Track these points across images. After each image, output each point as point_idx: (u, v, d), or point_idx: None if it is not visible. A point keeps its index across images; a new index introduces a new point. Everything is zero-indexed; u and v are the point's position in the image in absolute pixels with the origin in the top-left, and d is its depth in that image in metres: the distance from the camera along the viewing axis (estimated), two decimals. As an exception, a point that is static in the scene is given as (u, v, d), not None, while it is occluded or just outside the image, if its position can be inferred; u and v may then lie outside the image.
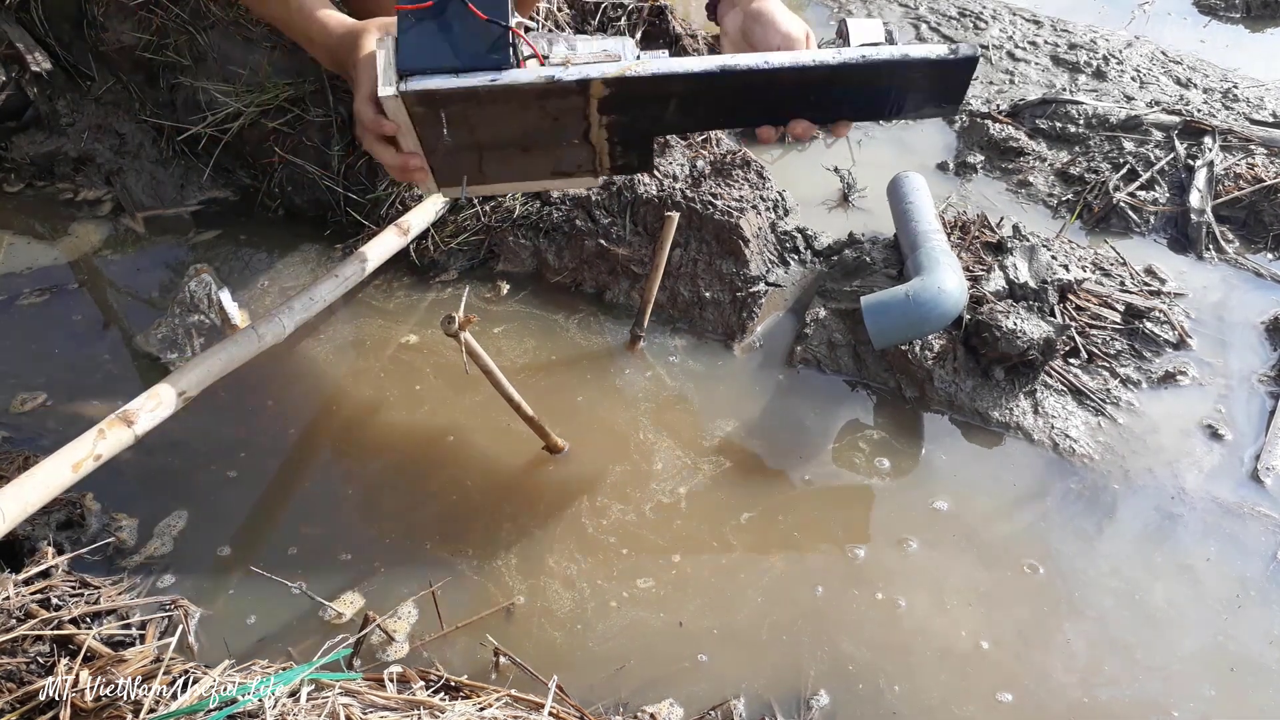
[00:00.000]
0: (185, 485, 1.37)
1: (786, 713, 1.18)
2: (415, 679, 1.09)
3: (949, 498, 1.45)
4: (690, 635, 1.25)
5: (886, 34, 1.18)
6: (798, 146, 2.17)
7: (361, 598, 1.26)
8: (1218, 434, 1.56)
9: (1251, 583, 1.36)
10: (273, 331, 1.38)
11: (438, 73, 1.08)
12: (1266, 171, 2.04)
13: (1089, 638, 1.28)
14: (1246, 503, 1.46)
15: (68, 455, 1.16)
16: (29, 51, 1.78)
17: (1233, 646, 1.28)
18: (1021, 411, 1.56)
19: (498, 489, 1.41)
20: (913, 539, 1.39)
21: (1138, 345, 1.69)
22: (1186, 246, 1.95)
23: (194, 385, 1.29)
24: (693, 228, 1.69)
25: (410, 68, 1.08)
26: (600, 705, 1.17)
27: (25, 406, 1.46)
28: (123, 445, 1.21)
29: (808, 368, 1.63)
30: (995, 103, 2.33)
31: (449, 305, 1.71)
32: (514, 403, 1.34)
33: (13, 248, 1.71)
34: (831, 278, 1.74)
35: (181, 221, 1.80)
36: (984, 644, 1.27)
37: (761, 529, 1.38)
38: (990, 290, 1.63)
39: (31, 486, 1.13)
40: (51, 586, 1.19)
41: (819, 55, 1.12)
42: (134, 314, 1.61)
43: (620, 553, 1.34)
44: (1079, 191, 2.06)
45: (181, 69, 1.81)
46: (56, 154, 1.82)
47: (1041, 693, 1.22)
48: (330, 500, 1.38)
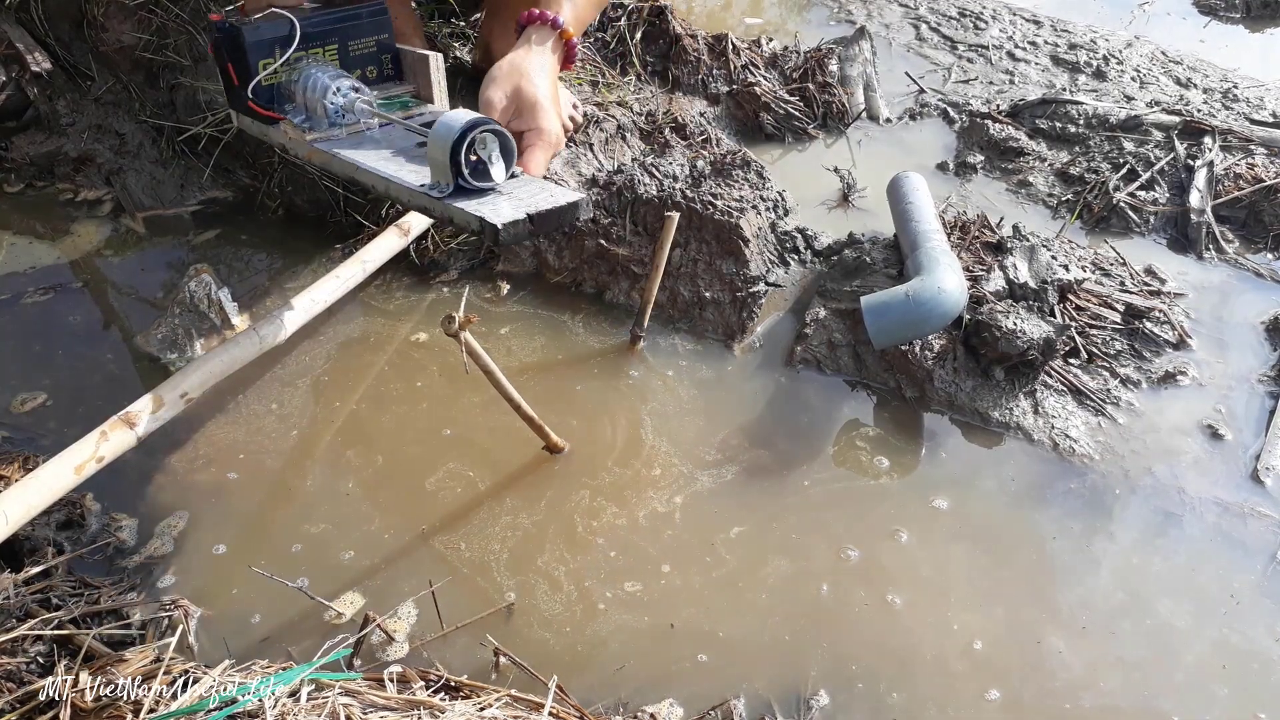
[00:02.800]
0: (185, 485, 1.37)
1: (786, 712, 1.18)
2: (415, 679, 1.09)
3: (948, 497, 1.45)
4: (690, 635, 1.25)
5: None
6: (798, 146, 2.17)
7: (361, 597, 1.27)
8: (1218, 434, 1.56)
9: (1251, 583, 1.36)
10: (273, 333, 1.38)
11: None
12: (1266, 171, 2.04)
13: (1089, 638, 1.28)
14: (1246, 503, 1.46)
15: (70, 458, 1.17)
16: (29, 52, 1.78)
17: (1232, 646, 1.28)
18: (1021, 411, 1.56)
19: (498, 489, 1.41)
20: (913, 539, 1.39)
21: (1138, 345, 1.69)
22: (1186, 246, 1.95)
23: (195, 387, 1.29)
24: (693, 228, 1.69)
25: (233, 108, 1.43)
26: (600, 705, 1.17)
27: (25, 406, 1.46)
28: (125, 447, 1.22)
29: (808, 368, 1.63)
30: (995, 103, 2.33)
31: (449, 305, 1.71)
32: (514, 403, 1.34)
33: (13, 247, 1.71)
34: (831, 278, 1.74)
35: (181, 221, 1.80)
36: (983, 644, 1.27)
37: (761, 529, 1.38)
38: (990, 290, 1.63)
39: (34, 489, 1.13)
40: (52, 586, 1.20)
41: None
42: (134, 314, 1.62)
43: (621, 553, 1.34)
44: (1079, 191, 2.06)
45: (181, 69, 1.81)
46: (57, 154, 1.82)
47: (1041, 693, 1.22)
48: (330, 500, 1.38)
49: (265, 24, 1.31)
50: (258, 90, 1.33)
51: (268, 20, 1.32)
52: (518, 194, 1.17)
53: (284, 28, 1.32)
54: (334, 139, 1.36)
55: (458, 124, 1.11)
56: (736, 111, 2.19)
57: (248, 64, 1.32)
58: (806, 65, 2.25)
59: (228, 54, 1.33)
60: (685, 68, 2.21)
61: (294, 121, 1.36)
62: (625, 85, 2.12)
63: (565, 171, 1.80)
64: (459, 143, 1.11)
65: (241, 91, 1.34)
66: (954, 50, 2.56)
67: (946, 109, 2.31)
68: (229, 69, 1.34)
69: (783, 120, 2.18)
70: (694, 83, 2.21)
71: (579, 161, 1.83)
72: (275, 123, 1.37)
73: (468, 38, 2.04)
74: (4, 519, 1.08)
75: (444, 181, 1.16)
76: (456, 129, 1.11)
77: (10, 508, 1.10)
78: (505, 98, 1.27)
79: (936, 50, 2.56)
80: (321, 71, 1.35)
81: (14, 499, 1.11)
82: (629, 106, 2.04)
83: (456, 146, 1.11)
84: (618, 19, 2.23)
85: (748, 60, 2.25)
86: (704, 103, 2.18)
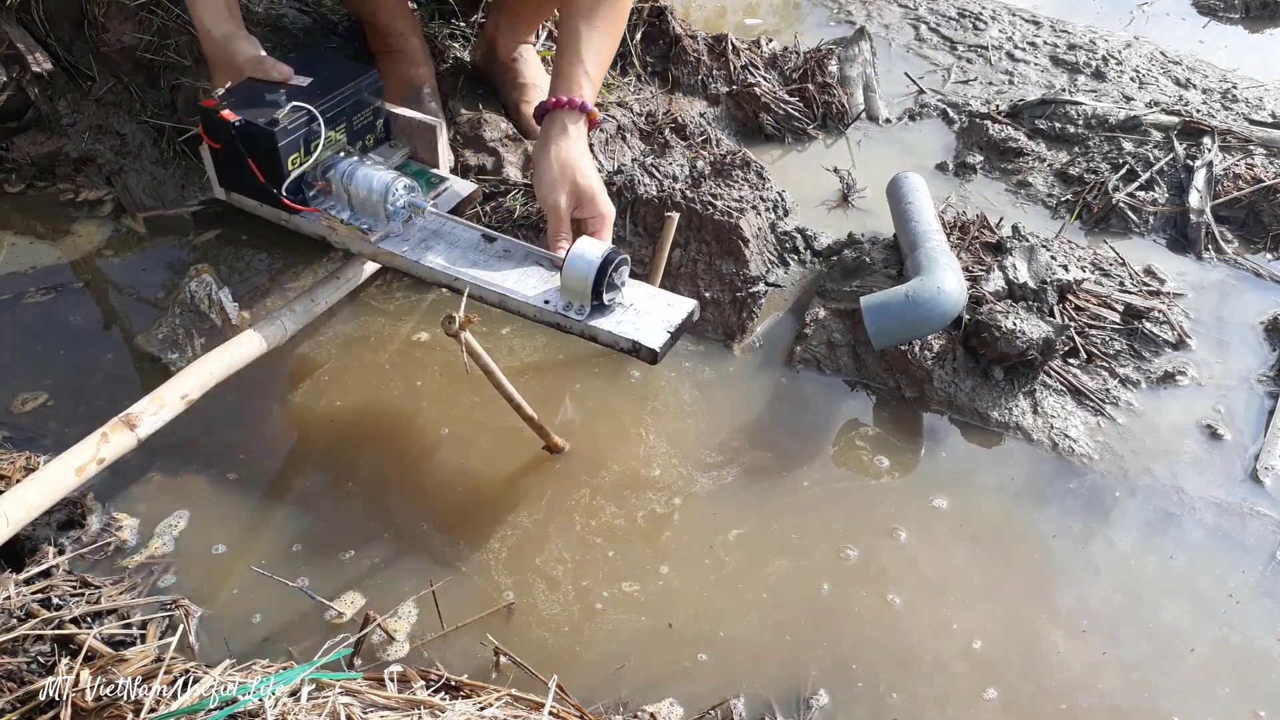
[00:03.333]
0: (186, 485, 1.37)
1: (786, 712, 1.18)
2: (416, 678, 1.09)
3: (948, 497, 1.45)
4: (691, 635, 1.26)
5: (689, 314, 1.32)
6: (798, 146, 2.18)
7: (362, 597, 1.27)
8: (1217, 434, 1.56)
9: (1251, 582, 1.36)
10: (274, 334, 1.39)
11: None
12: (1265, 172, 2.04)
13: (1088, 637, 1.28)
14: (1246, 503, 1.46)
15: (71, 459, 1.17)
16: (30, 52, 1.78)
17: (1231, 646, 1.28)
18: (1021, 411, 1.56)
19: (498, 489, 1.41)
20: (912, 538, 1.39)
21: (1137, 345, 1.69)
22: (1186, 247, 1.95)
23: (195, 388, 1.30)
24: (693, 228, 1.70)
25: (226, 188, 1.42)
26: (600, 705, 1.17)
27: (26, 406, 1.46)
28: (126, 449, 1.22)
29: (807, 368, 1.63)
30: (994, 103, 2.33)
31: (449, 305, 1.70)
32: (514, 402, 1.34)
33: (14, 247, 1.71)
34: (831, 278, 1.75)
35: (182, 222, 1.80)
36: (982, 643, 1.27)
37: (761, 529, 1.39)
38: (990, 290, 1.64)
39: (35, 490, 1.14)
40: (52, 586, 1.20)
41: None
42: (135, 314, 1.62)
43: (620, 552, 1.34)
44: (1078, 192, 2.06)
45: (182, 69, 1.81)
46: (57, 154, 1.82)
47: (1040, 692, 1.22)
48: (330, 500, 1.38)
49: (289, 119, 1.30)
50: (288, 185, 1.35)
51: (290, 116, 1.31)
52: (638, 305, 1.32)
53: (305, 119, 1.33)
54: (391, 236, 1.40)
55: (596, 258, 1.24)
56: (736, 112, 2.19)
57: (280, 164, 1.33)
58: (806, 66, 2.26)
59: (249, 151, 1.32)
60: (685, 68, 2.21)
61: (341, 218, 1.38)
62: (625, 86, 2.13)
63: (565, 172, 1.80)
64: (600, 277, 1.24)
65: (269, 189, 1.34)
66: (953, 51, 2.56)
67: (946, 109, 2.31)
68: (250, 164, 1.32)
69: (782, 121, 2.18)
70: (694, 83, 2.21)
71: (579, 162, 1.84)
72: (308, 213, 1.39)
73: (468, 38, 2.04)
74: (5, 520, 1.09)
75: (581, 304, 1.29)
76: (595, 263, 1.24)
77: (10, 509, 1.10)
78: (568, 197, 1.37)
79: (936, 51, 2.56)
80: (372, 169, 1.38)
81: (14, 501, 1.11)
82: (629, 107, 2.04)
83: (598, 280, 1.25)
84: (618, 19, 2.23)
85: (747, 61, 2.25)
86: (704, 103, 2.19)
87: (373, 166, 1.40)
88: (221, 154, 1.36)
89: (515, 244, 1.42)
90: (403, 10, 1.74)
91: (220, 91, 1.35)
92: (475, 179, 1.76)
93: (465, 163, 1.77)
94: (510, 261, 1.39)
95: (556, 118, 1.42)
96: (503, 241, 1.42)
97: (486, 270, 1.37)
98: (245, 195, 1.42)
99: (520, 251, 1.40)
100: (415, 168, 1.54)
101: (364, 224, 1.39)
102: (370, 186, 1.36)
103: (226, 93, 1.34)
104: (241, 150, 1.32)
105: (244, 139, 1.31)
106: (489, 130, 1.79)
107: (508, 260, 1.39)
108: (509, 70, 1.86)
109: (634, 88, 2.13)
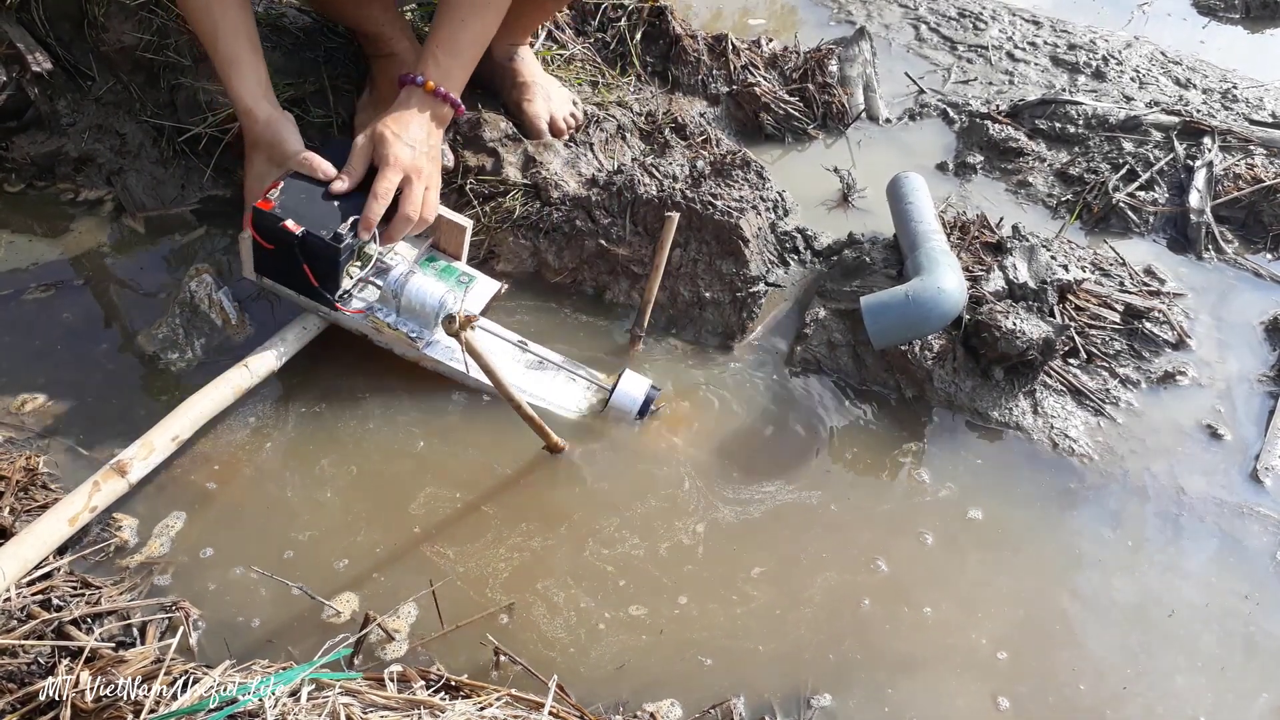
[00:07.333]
0: (186, 487, 1.37)
1: (787, 712, 1.18)
2: (415, 678, 1.10)
3: (947, 496, 1.45)
4: (691, 635, 1.26)
5: (647, 394, 1.50)
6: (798, 146, 2.18)
7: (362, 597, 1.27)
8: (1217, 434, 1.56)
9: (1251, 583, 1.36)
10: (264, 366, 1.42)
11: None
12: (1266, 172, 2.04)
13: (1087, 636, 1.29)
14: (1246, 502, 1.46)
15: (64, 510, 1.21)
16: (30, 52, 1.78)
17: (1234, 645, 1.28)
18: (1021, 411, 1.56)
19: (498, 489, 1.41)
20: (912, 537, 1.39)
21: (1137, 345, 1.69)
22: (1186, 247, 1.95)
23: (186, 429, 1.34)
24: (693, 228, 1.70)
25: (262, 274, 1.45)
26: (600, 705, 1.17)
27: (26, 407, 1.46)
28: (117, 495, 1.27)
29: (807, 368, 1.63)
30: (995, 103, 2.33)
31: (449, 305, 1.70)
32: (514, 402, 1.34)
33: (12, 246, 1.71)
34: (831, 278, 1.75)
35: (182, 221, 1.80)
36: (983, 643, 1.27)
37: (760, 530, 1.39)
38: (990, 290, 1.64)
39: (30, 544, 1.17)
40: (52, 587, 1.20)
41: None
42: (135, 313, 1.62)
43: (619, 551, 1.34)
44: (1078, 192, 2.06)
45: (182, 69, 1.81)
46: (57, 154, 1.82)
47: (1040, 694, 1.22)
48: (330, 499, 1.38)
49: (348, 232, 1.35)
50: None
51: (350, 229, 1.36)
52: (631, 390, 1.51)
53: (355, 230, 1.37)
54: (436, 343, 1.47)
55: (640, 397, 1.49)
56: (736, 112, 2.19)
57: (338, 274, 1.39)
58: (806, 66, 2.26)
59: (306, 258, 1.36)
60: (685, 68, 2.21)
61: (387, 322, 1.42)
62: (625, 85, 2.13)
63: (566, 172, 1.80)
64: (643, 412, 1.49)
65: (324, 294, 1.40)
66: (954, 51, 2.56)
67: (946, 109, 2.31)
68: (305, 269, 1.37)
69: (782, 120, 2.18)
70: (694, 83, 2.21)
71: (579, 162, 1.84)
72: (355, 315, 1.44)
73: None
74: (1, 575, 1.12)
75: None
76: (640, 402, 1.49)
77: (6, 564, 1.13)
78: (366, 139, 1.42)
79: (936, 51, 2.56)
80: (423, 280, 1.43)
81: (9, 555, 1.14)
82: (629, 106, 2.04)
83: (641, 413, 1.49)
84: (618, 19, 2.23)
85: (747, 61, 2.25)
86: (704, 103, 2.19)
87: (423, 277, 1.43)
88: (273, 253, 1.38)
89: (547, 354, 1.54)
90: (388, 17, 1.74)
91: (275, 193, 1.37)
92: (475, 179, 1.76)
93: (465, 163, 1.76)
94: (547, 371, 1.54)
95: (403, 91, 1.48)
96: (533, 346, 1.54)
97: (530, 383, 1.52)
98: (285, 286, 1.45)
99: (553, 362, 1.54)
100: (443, 264, 1.57)
101: (412, 331, 1.43)
102: (424, 300, 1.41)
103: (279, 191, 1.37)
104: (298, 256, 1.36)
105: (304, 248, 1.35)
106: (488, 130, 1.79)
107: (544, 369, 1.54)
108: (508, 71, 1.86)
109: (634, 87, 2.13)
